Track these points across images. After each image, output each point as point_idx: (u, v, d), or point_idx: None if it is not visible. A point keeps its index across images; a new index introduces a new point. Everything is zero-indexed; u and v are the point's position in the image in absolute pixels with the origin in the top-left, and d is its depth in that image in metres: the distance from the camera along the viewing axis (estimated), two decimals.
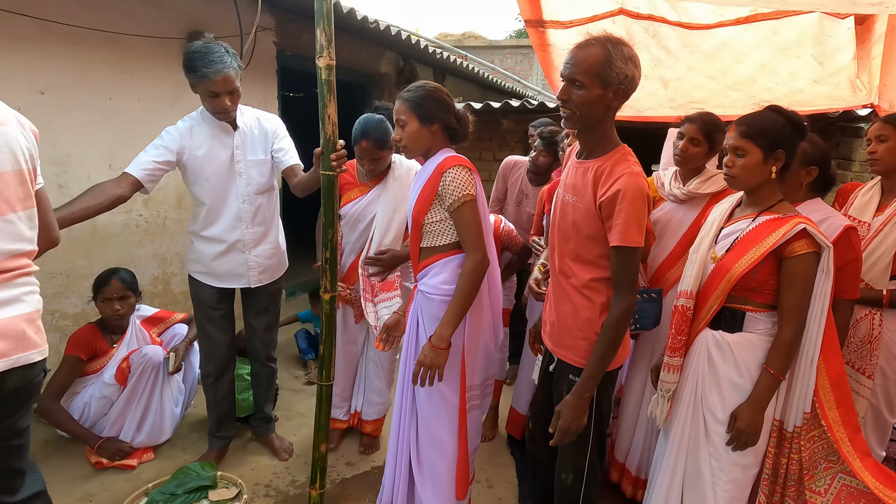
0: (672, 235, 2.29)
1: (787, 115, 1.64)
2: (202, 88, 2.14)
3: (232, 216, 2.35)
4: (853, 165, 4.29)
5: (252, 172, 2.36)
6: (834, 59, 2.63)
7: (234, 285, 2.46)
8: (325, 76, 1.84)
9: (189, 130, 2.27)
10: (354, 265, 2.56)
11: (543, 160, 3.06)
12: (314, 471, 2.09)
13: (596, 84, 1.54)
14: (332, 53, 1.82)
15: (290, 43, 4.42)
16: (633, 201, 1.53)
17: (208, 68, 2.08)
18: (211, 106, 2.19)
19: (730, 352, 1.68)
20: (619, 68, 1.52)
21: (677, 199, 2.28)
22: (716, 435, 1.69)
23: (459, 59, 7.06)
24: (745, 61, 2.83)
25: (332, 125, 1.89)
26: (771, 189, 1.69)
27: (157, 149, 2.23)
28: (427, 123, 1.90)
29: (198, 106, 2.32)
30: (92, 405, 2.59)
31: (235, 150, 2.32)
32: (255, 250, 2.43)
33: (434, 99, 1.91)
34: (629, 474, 2.47)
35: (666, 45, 2.95)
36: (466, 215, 1.85)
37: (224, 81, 2.13)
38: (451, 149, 1.99)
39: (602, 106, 1.58)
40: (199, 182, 2.30)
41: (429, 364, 1.82)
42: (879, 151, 2.11)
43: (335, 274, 1.96)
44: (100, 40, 3.11)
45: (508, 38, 15.04)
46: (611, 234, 1.57)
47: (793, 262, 1.59)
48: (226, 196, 2.33)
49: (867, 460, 1.56)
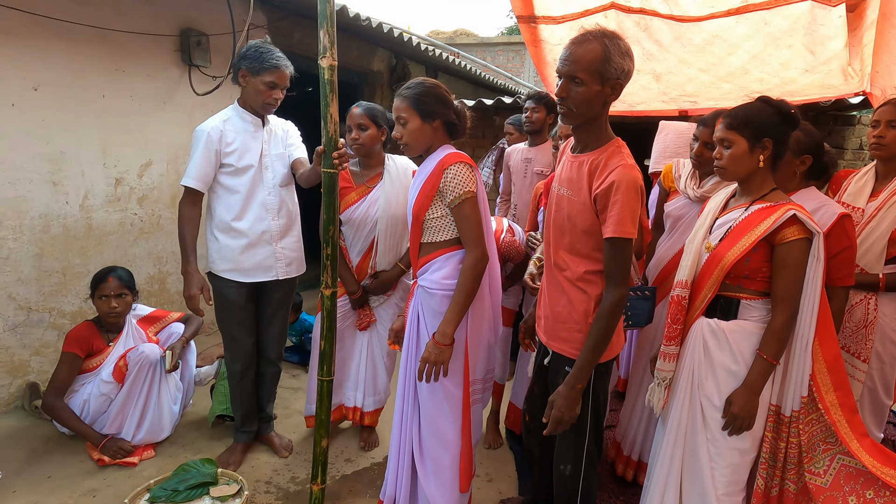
0: (683, 233, 2.29)
1: (775, 104, 1.66)
2: (261, 79, 2.30)
3: (260, 207, 2.41)
4: (845, 154, 4.34)
5: (276, 165, 2.46)
6: (825, 48, 2.64)
7: (262, 278, 2.47)
8: (327, 76, 1.86)
9: (222, 124, 2.38)
10: (360, 267, 2.61)
11: (537, 115, 3.24)
12: (315, 466, 2.08)
13: (595, 80, 1.55)
14: (334, 54, 1.84)
15: (283, 41, 4.41)
16: (627, 193, 1.53)
17: (279, 60, 2.31)
18: (264, 97, 2.34)
19: (725, 339, 1.69)
20: (617, 63, 1.53)
21: (691, 199, 2.29)
22: (712, 421, 1.71)
23: (452, 56, 7.07)
24: (736, 53, 2.84)
25: (335, 124, 1.92)
26: (762, 178, 1.70)
27: (204, 156, 2.34)
28: (428, 120, 1.90)
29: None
30: (91, 403, 2.60)
31: (264, 145, 2.43)
32: (282, 242, 2.49)
33: (434, 95, 1.91)
34: (628, 458, 2.50)
35: (658, 39, 2.96)
36: (467, 212, 1.86)
37: (286, 77, 2.35)
38: (451, 145, 2.00)
39: (600, 101, 1.59)
40: (235, 173, 2.38)
41: (433, 360, 1.83)
42: (889, 136, 2.10)
43: (335, 270, 1.97)
44: (92, 36, 3.10)
45: (500, 36, 15.07)
46: (605, 226, 1.58)
47: (784, 249, 1.61)
48: (256, 187, 2.41)
49: (865, 441, 1.58)
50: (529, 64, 12.82)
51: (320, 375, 2.04)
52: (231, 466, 2.52)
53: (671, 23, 2.72)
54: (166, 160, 3.63)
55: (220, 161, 2.36)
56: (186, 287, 2.36)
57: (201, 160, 2.33)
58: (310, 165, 2.40)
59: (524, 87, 10.74)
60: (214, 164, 2.36)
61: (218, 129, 2.34)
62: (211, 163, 2.35)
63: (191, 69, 3.69)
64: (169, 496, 2.22)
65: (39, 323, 3.06)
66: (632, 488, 2.47)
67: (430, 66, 7.15)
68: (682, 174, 2.35)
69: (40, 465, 2.55)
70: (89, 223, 3.24)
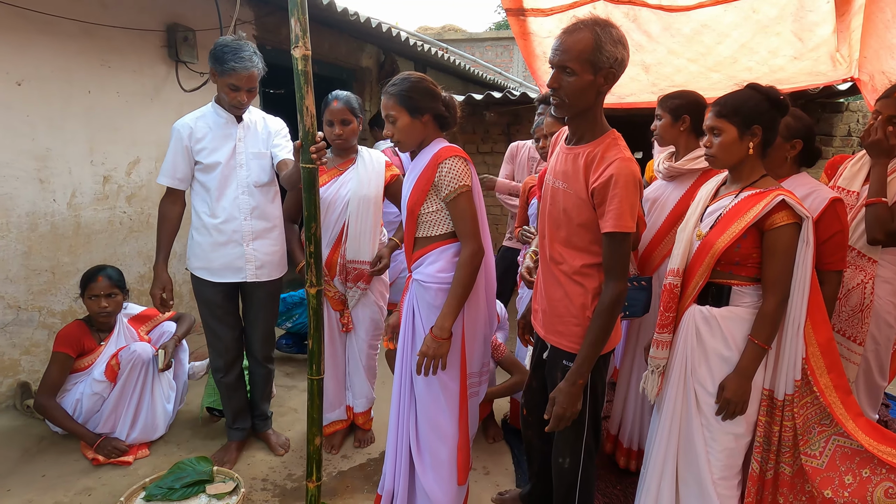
0: (659, 213, 2.32)
1: (764, 91, 1.67)
2: (224, 80, 2.24)
3: (231, 205, 2.37)
4: (834, 141, 4.38)
5: (252, 164, 2.40)
6: (813, 34, 2.65)
7: (231, 279, 2.43)
8: (301, 66, 1.78)
9: (195, 120, 2.35)
10: (330, 261, 2.51)
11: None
12: (310, 464, 2.07)
13: (587, 70, 1.52)
14: (307, 43, 1.77)
15: (270, 37, 4.38)
16: (626, 187, 1.52)
17: (238, 63, 2.20)
18: (228, 99, 2.29)
19: (717, 325, 1.70)
20: (609, 52, 1.51)
21: (664, 176, 2.31)
22: (706, 406, 1.72)
23: (441, 52, 7.04)
24: (725, 42, 2.85)
25: (311, 117, 1.85)
26: (752, 165, 1.71)
27: (174, 152, 2.33)
28: (417, 116, 1.89)
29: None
30: (83, 402, 2.58)
31: (238, 142, 2.38)
32: (254, 244, 2.42)
33: (420, 89, 1.89)
34: (622, 447, 2.51)
35: (647, 30, 2.96)
36: (463, 206, 1.86)
37: (248, 78, 2.25)
38: (444, 138, 1.98)
39: (593, 91, 1.56)
40: (205, 169, 2.35)
41: (432, 354, 1.83)
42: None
43: (320, 268, 1.94)
44: (77, 31, 3.06)
45: (489, 31, 15.05)
46: (603, 221, 1.56)
47: (774, 234, 1.61)
48: (227, 185, 2.37)
49: (860, 420, 1.60)
50: (518, 59, 12.82)
51: (310, 374, 2.02)
52: (226, 465, 2.51)
53: (660, 13, 2.72)
54: (154, 158, 3.59)
55: (192, 157, 2.34)
56: (151, 286, 2.39)
57: (171, 157, 2.33)
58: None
59: (513, 81, 10.74)
60: (188, 160, 2.34)
61: (188, 125, 2.32)
62: (182, 159, 2.33)
63: (178, 65, 3.65)
64: (165, 494, 2.20)
65: (29, 322, 3.03)
66: (628, 477, 2.48)
67: (419, 62, 7.12)
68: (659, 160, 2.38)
69: (34, 463, 2.52)
70: (77, 221, 3.20)
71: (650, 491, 1.86)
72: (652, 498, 1.86)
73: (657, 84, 3.43)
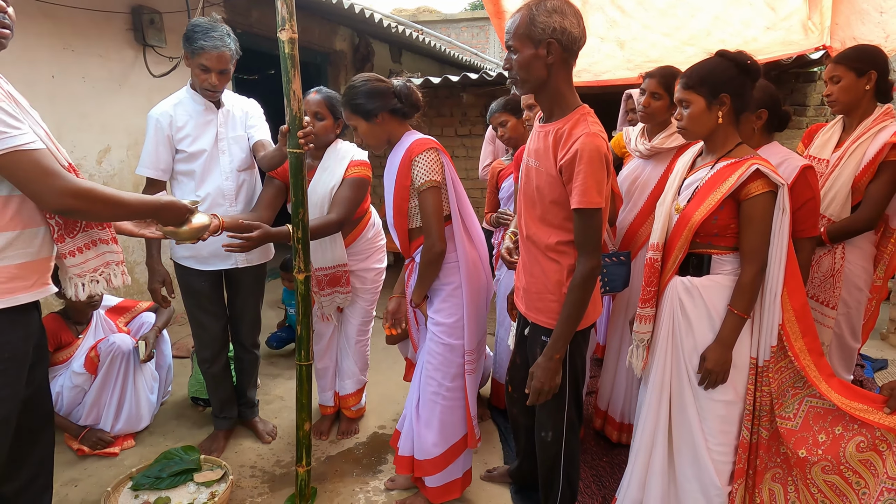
0: (641, 193, 2.33)
1: (731, 56, 1.65)
2: (195, 62, 2.18)
3: (216, 192, 2.33)
4: (808, 111, 4.43)
5: (234, 149, 2.37)
6: (785, 3, 2.67)
7: (220, 266, 2.40)
8: (288, 50, 1.76)
9: (173, 108, 2.28)
10: None
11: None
12: (299, 449, 2.08)
13: (526, 45, 1.55)
14: (294, 26, 1.76)
15: (240, 19, 4.28)
16: (591, 163, 1.52)
17: (206, 42, 2.13)
18: (199, 81, 2.23)
19: (699, 295, 1.72)
20: (542, 23, 1.52)
21: (643, 155, 2.31)
22: (695, 377, 1.74)
23: (416, 33, 6.94)
24: (697, 15, 2.86)
25: (298, 101, 1.84)
26: (725, 133, 1.70)
27: (155, 142, 2.26)
28: (372, 119, 1.96)
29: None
30: (64, 395, 2.54)
31: (220, 128, 2.34)
32: None
33: (366, 92, 1.94)
34: (613, 420, 2.56)
35: (620, 5, 2.96)
36: (426, 201, 1.93)
37: (219, 59, 2.17)
38: (413, 129, 2.04)
39: (540, 65, 1.57)
40: (188, 158, 2.30)
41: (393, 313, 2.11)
42: (835, 92, 2.16)
43: (308, 254, 1.94)
44: (36, 11, 2.93)
45: (464, 11, 14.85)
46: (571, 197, 1.57)
47: (750, 203, 1.62)
48: (211, 172, 2.32)
49: (832, 381, 1.64)
50: (494, 39, 12.72)
51: (298, 360, 2.02)
52: (214, 453, 2.50)
53: None
54: (126, 146, 3.50)
55: (174, 147, 2.28)
56: (149, 281, 2.34)
57: (152, 147, 2.26)
58: (273, 147, 2.32)
59: (490, 62, 10.67)
60: (169, 149, 2.28)
61: (168, 113, 2.26)
62: (165, 149, 2.27)
63: (145, 49, 3.54)
64: (152, 483, 2.19)
65: None
66: (616, 448, 2.53)
67: (395, 45, 7.02)
68: (632, 137, 2.38)
69: None
70: None
71: (641, 461, 1.88)
72: (642, 466, 1.88)
73: (632, 60, 3.43)
